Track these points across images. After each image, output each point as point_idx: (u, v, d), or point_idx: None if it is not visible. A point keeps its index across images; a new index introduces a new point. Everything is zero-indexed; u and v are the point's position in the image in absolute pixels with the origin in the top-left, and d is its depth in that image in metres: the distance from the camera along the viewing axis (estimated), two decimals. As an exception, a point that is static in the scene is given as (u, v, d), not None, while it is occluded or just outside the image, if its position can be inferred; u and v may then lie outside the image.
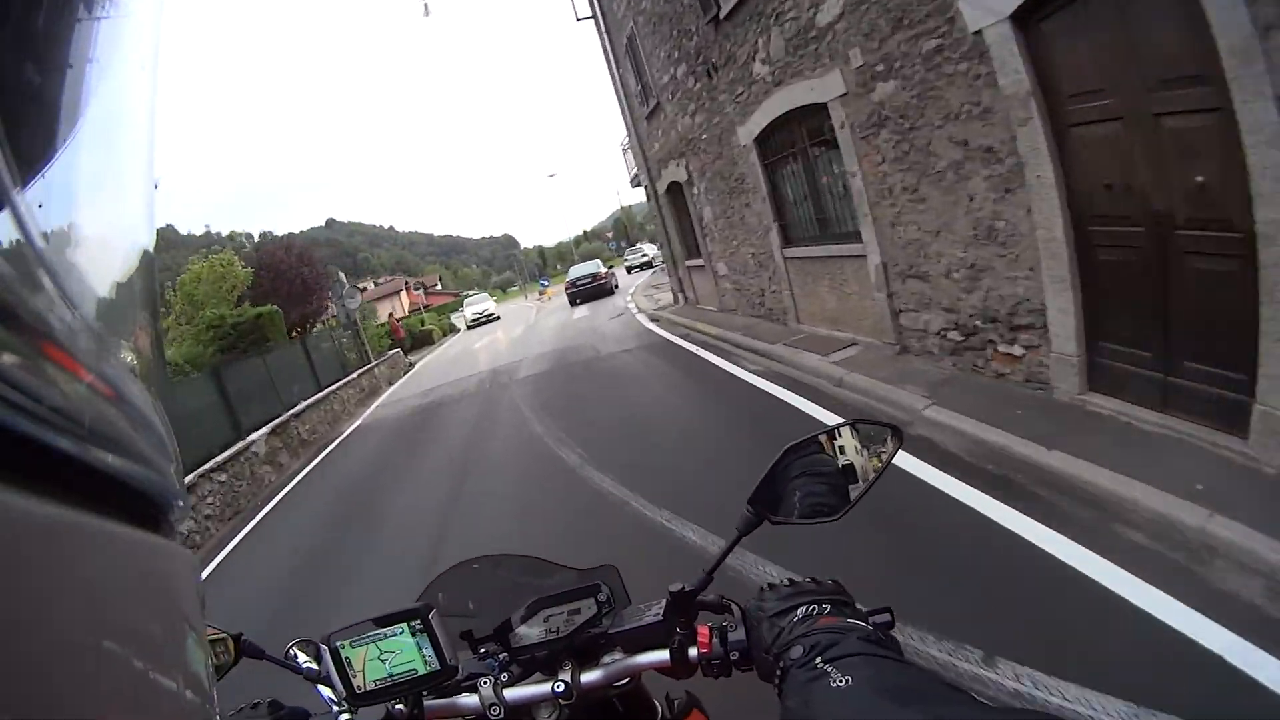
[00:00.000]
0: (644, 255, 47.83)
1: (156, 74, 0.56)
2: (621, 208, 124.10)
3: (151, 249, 0.60)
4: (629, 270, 47.66)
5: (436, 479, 8.77)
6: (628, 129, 19.10)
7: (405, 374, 25.87)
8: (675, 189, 16.28)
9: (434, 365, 26.28)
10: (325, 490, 10.91)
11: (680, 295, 18.88)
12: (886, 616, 1.01)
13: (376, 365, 24.49)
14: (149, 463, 0.49)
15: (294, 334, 27.83)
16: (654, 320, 18.23)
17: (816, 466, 1.15)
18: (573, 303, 33.26)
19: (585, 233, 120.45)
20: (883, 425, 1.18)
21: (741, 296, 13.43)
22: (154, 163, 0.59)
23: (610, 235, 76.41)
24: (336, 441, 15.40)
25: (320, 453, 14.64)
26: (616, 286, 35.04)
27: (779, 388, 8.11)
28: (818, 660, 0.85)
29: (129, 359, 0.52)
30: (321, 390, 18.91)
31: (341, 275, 28.06)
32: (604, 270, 35.32)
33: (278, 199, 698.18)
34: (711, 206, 13.71)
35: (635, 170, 20.90)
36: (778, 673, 0.92)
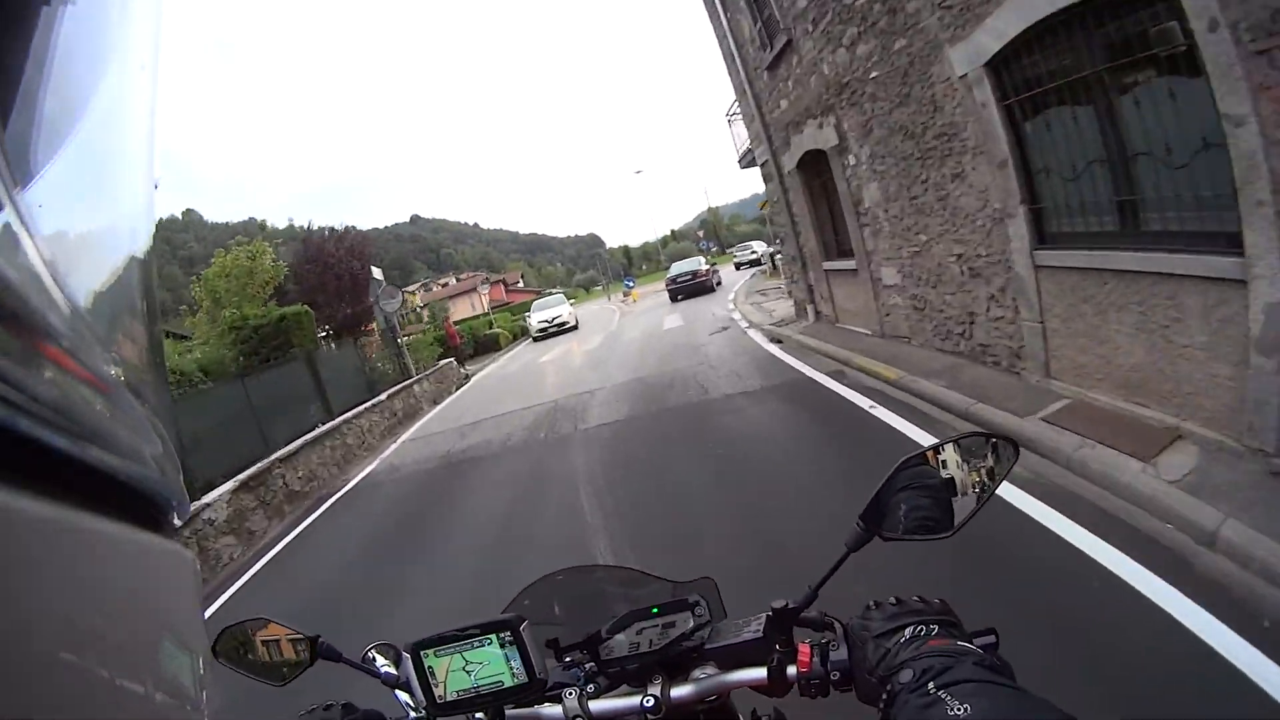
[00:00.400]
0: (753, 253, 45.50)
1: (156, 74, 0.55)
2: (709, 209, 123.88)
3: (151, 248, 0.59)
4: (738, 267, 45.62)
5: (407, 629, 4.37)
6: (739, 90, 14.01)
7: (456, 390, 21.57)
8: (812, 161, 11.34)
9: (489, 382, 21.89)
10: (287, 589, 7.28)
11: (810, 308, 13.88)
12: (991, 638, 0.96)
13: (420, 379, 20.22)
14: (149, 463, 0.50)
15: (336, 337, 26.69)
16: (775, 341, 13.50)
17: (923, 479, 1.09)
18: (673, 299, 32.56)
19: (673, 232, 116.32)
20: (1000, 439, 1.10)
21: (924, 319, 8.76)
22: (154, 163, 0.58)
23: (700, 234, 72.14)
24: (339, 494, 11.19)
25: (312, 511, 10.51)
26: (719, 284, 33.95)
27: (1093, 538, 3.92)
28: (930, 685, 0.81)
29: (129, 359, 0.52)
30: (332, 418, 14.46)
31: (377, 272, 23.00)
32: (705, 267, 33.83)
33: (363, 194, 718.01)
34: (879, 182, 8.99)
35: (747, 144, 15.86)
36: (884, 696, 0.90)
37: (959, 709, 0.75)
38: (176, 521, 0.57)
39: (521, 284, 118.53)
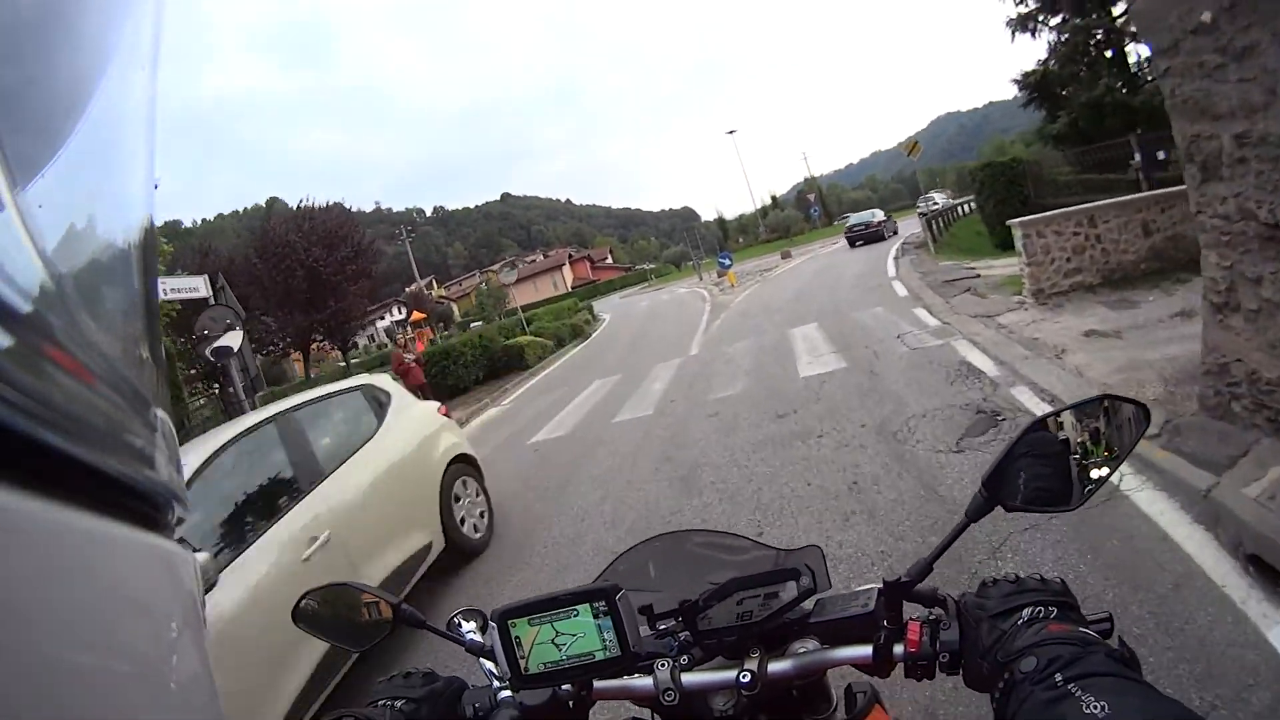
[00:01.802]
0: (935, 203, 41.01)
1: (156, 74, 0.56)
2: (806, 179, 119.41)
3: (152, 248, 0.60)
4: (852, 243, 41.85)
5: None
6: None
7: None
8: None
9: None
10: None
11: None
12: (1107, 624, 0.90)
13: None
14: (149, 463, 0.51)
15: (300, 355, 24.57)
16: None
17: (1044, 447, 1.02)
18: (851, 245, 36.30)
19: (774, 199, 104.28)
20: (1130, 403, 1.03)
21: None
22: (154, 162, 0.59)
23: (812, 199, 60.95)
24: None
25: None
26: (895, 232, 36.73)
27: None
28: (1058, 677, 0.76)
29: (129, 359, 0.52)
30: None
31: (194, 285, 13.19)
32: (879, 219, 37.97)
33: (455, 177, 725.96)
34: None
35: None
36: (1000, 684, 0.85)
37: (1095, 707, 0.70)
38: (176, 522, 0.57)
39: (610, 260, 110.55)
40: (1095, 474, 1.01)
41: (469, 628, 1.36)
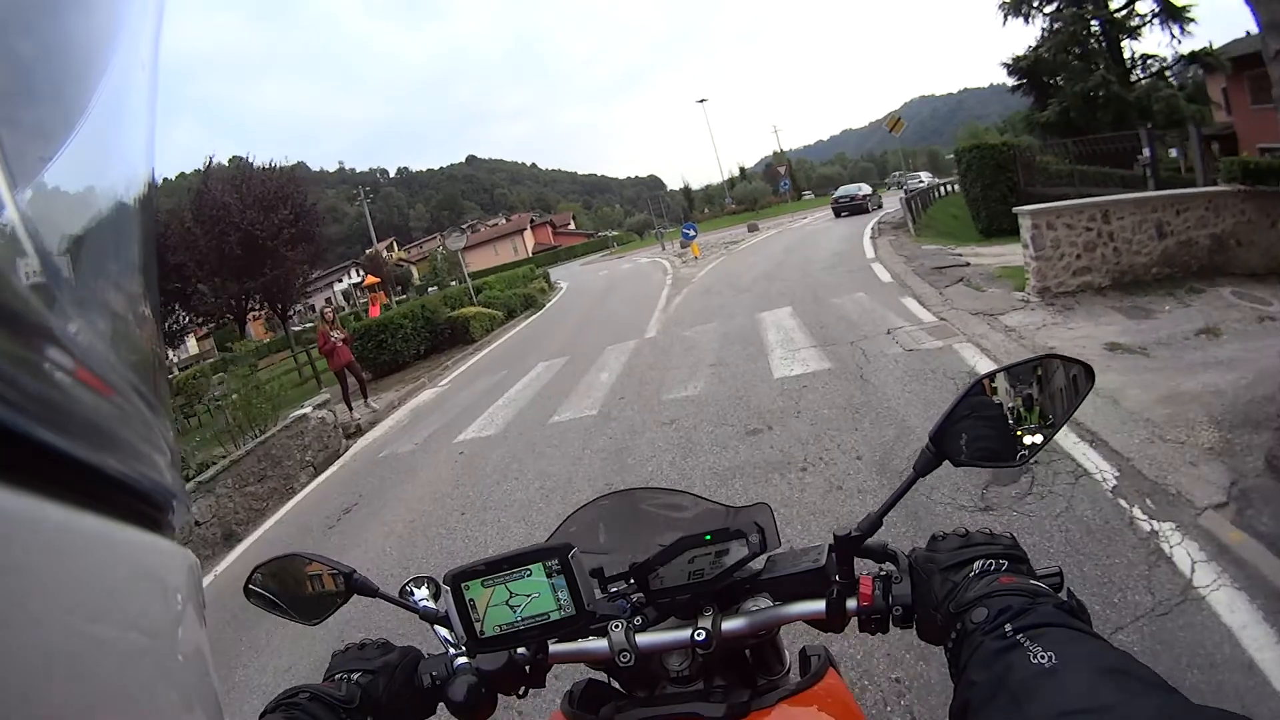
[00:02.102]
0: (921, 182, 43.13)
1: (156, 74, 0.56)
2: (775, 152, 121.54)
3: (152, 247, 0.60)
4: (837, 213, 42.49)
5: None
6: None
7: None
8: None
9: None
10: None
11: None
12: (1056, 578, 0.91)
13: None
14: (149, 463, 0.50)
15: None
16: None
17: (987, 406, 1.04)
18: (837, 215, 37.27)
19: (742, 170, 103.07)
20: (1075, 363, 1.04)
21: None
22: (154, 162, 0.60)
23: (782, 171, 59.57)
24: None
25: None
26: (879, 206, 37.07)
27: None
28: (1007, 627, 0.77)
29: (129, 359, 0.53)
30: None
31: None
32: (864, 192, 39.83)
33: (419, 138, 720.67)
34: None
35: None
36: (952, 635, 0.86)
37: (1041, 656, 0.71)
38: (176, 522, 0.57)
39: (573, 225, 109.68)
40: (1030, 440, 1.02)
41: (421, 595, 1.32)
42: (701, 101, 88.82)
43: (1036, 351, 5.60)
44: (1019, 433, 1.03)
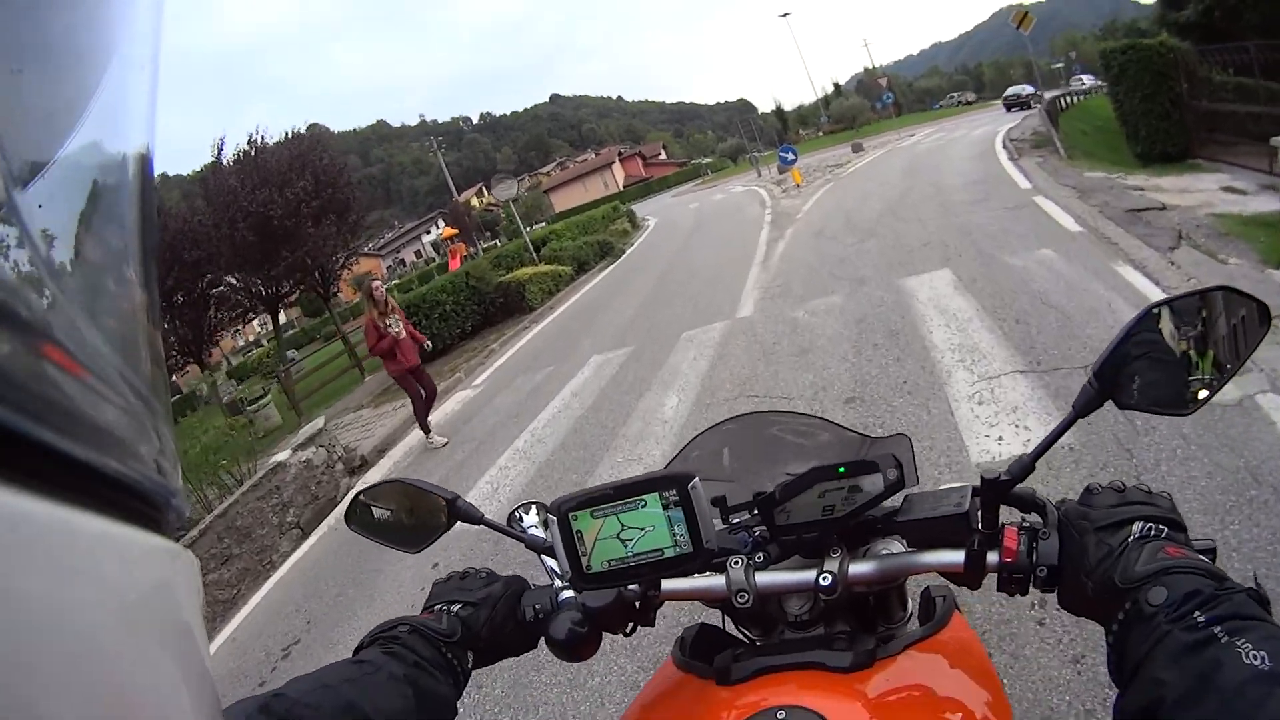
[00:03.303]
0: (1084, 85, 42.81)
1: (157, 73, 0.54)
2: (866, 67, 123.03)
3: (153, 247, 0.58)
4: (1008, 108, 43.71)
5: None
6: None
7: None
8: None
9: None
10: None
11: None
12: (1212, 552, 0.84)
13: None
14: (149, 463, 0.48)
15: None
16: None
17: (1157, 342, 0.92)
18: (1008, 109, 41.42)
19: (837, 87, 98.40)
20: (1248, 299, 0.91)
21: None
22: (154, 161, 0.57)
23: (885, 83, 54.89)
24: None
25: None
26: (1040, 103, 28.05)
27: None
28: (1198, 616, 0.69)
29: (129, 358, 0.50)
30: None
31: None
32: (1027, 92, 42.22)
33: (500, 80, 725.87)
34: None
35: None
36: (1121, 614, 0.77)
37: (1254, 657, 0.63)
38: (176, 522, 0.54)
39: (664, 155, 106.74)
40: (1212, 373, 0.91)
41: (530, 521, 1.29)
42: (785, 15, 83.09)
43: None
44: (1189, 375, 0.91)
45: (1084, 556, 0.85)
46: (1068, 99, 31.50)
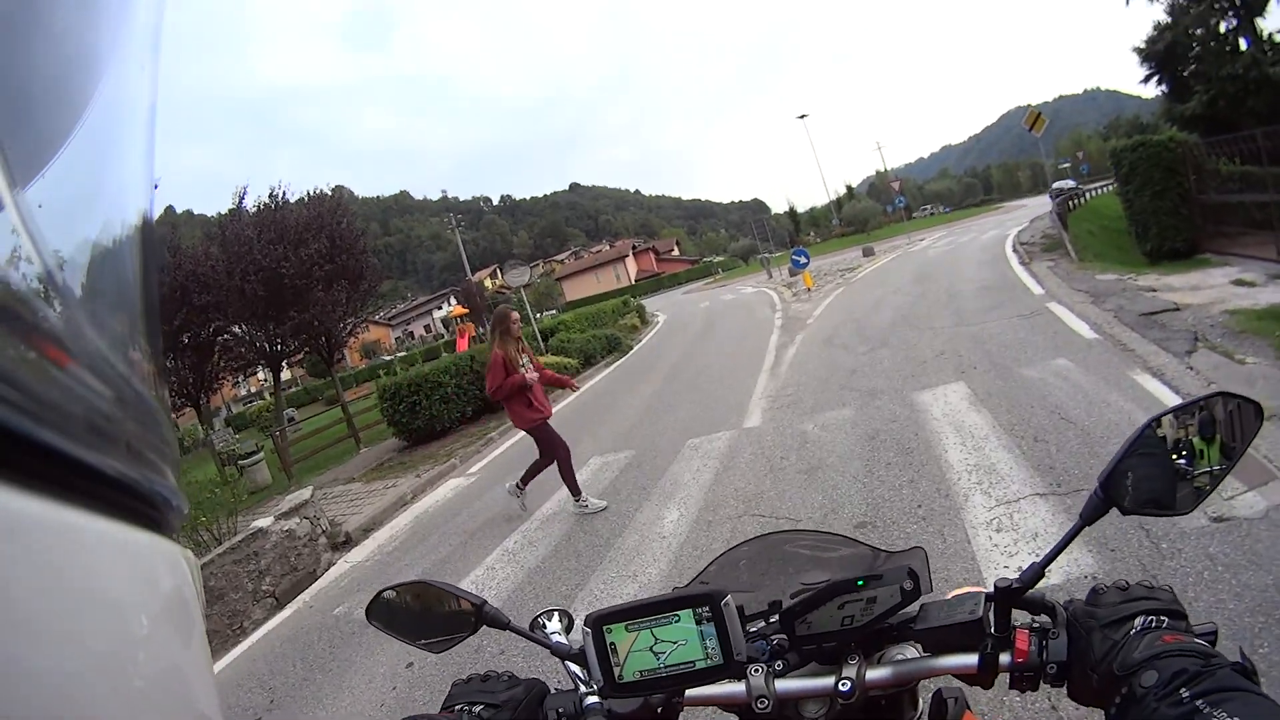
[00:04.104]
0: (1070, 184, 44.84)
1: (157, 75, 0.56)
2: (878, 171, 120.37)
3: (153, 248, 0.60)
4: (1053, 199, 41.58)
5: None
6: None
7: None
8: None
9: None
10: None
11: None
12: (1212, 634, 0.89)
13: None
14: (149, 463, 0.50)
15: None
16: None
17: (1155, 447, 0.98)
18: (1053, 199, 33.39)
19: (849, 189, 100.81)
20: (1242, 400, 0.99)
21: None
22: (154, 162, 0.59)
23: (897, 186, 55.67)
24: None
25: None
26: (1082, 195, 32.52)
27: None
28: (1184, 693, 0.75)
29: (129, 359, 0.52)
30: None
31: None
32: (1069, 185, 42.48)
33: (522, 164, 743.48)
34: None
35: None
36: (1118, 699, 0.84)
37: None
38: (176, 522, 0.56)
39: (677, 251, 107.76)
40: (1207, 475, 0.97)
41: (554, 628, 1.31)
42: (802, 117, 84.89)
43: None
44: (1186, 477, 0.97)
45: (1090, 652, 0.90)
46: (1075, 200, 31.77)
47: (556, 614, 1.33)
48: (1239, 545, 3.88)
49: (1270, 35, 23.50)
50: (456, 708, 1.13)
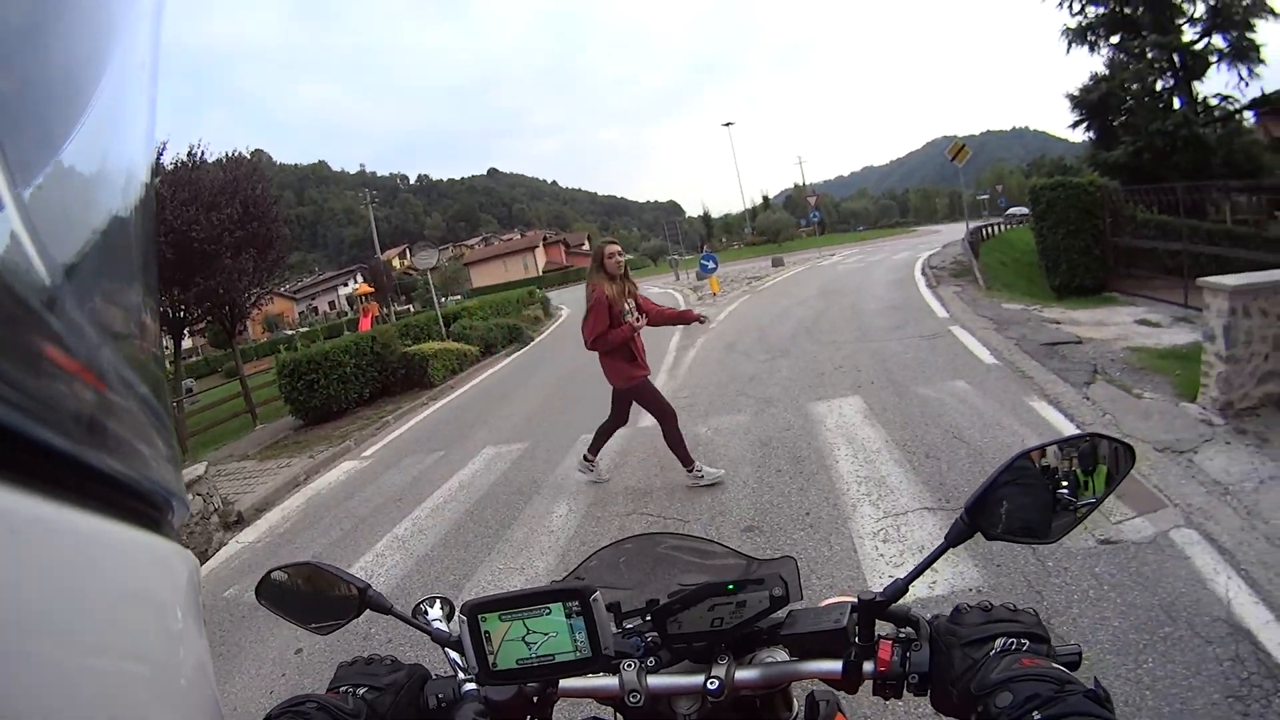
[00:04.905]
0: (1023, 210, 43.89)
1: (156, 74, 0.56)
2: (796, 184, 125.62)
3: (152, 247, 0.60)
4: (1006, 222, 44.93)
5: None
6: None
7: None
8: None
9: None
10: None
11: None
12: (1075, 658, 0.96)
13: None
14: (149, 463, 0.51)
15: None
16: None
17: (1028, 478, 1.04)
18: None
19: (766, 200, 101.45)
20: (1118, 444, 1.06)
21: None
22: (153, 162, 0.60)
23: (814, 202, 56.45)
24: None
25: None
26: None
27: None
28: (1035, 716, 0.78)
29: (129, 359, 0.52)
30: None
31: None
32: (1023, 211, 38.49)
33: (443, 145, 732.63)
34: None
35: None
36: (973, 717, 0.88)
37: None
38: (176, 521, 0.57)
39: (587, 245, 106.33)
40: (1073, 510, 1.04)
41: (435, 615, 1.35)
42: (728, 125, 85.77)
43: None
44: (1056, 509, 1.03)
45: (950, 667, 0.95)
46: (989, 229, 32.85)
47: (438, 601, 1.37)
48: (1125, 567, 4.07)
49: (1205, 99, 24.51)
50: (341, 689, 1.15)
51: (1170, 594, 3.77)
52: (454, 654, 1.25)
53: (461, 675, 1.20)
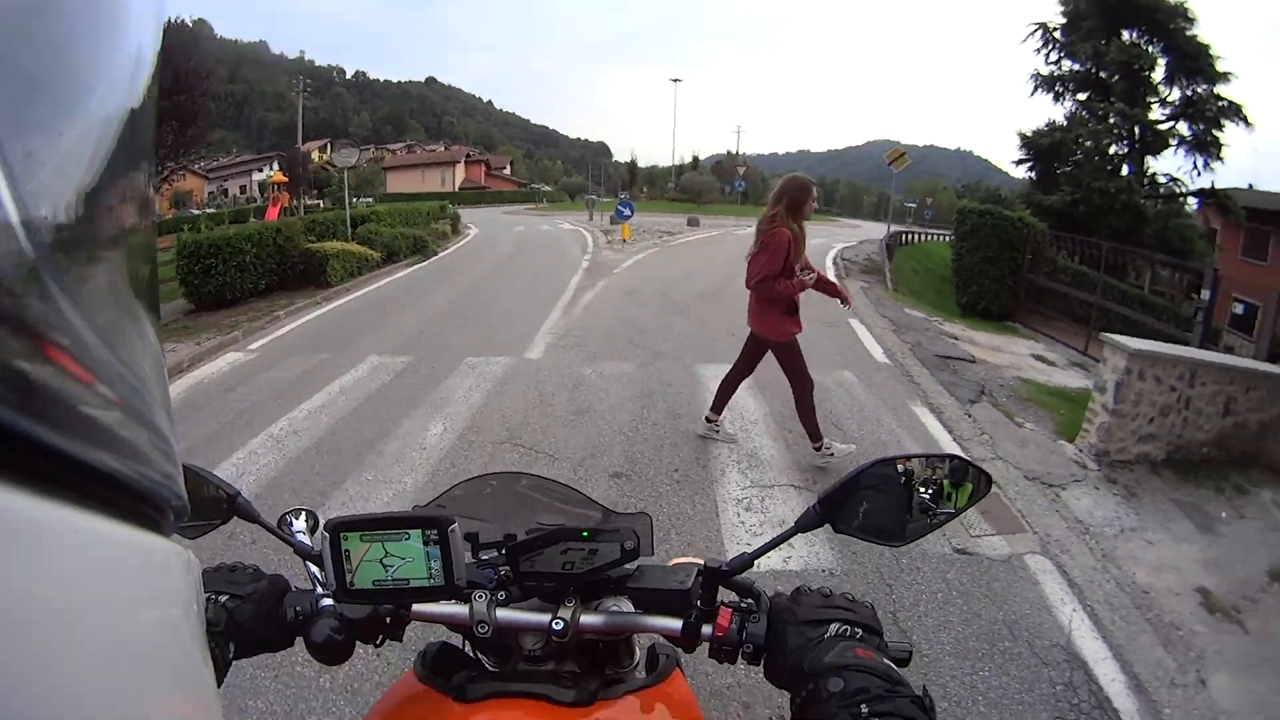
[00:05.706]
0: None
1: (157, 74, 0.56)
2: (728, 152, 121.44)
3: (153, 247, 0.61)
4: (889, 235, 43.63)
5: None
6: None
7: None
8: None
9: None
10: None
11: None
12: (906, 655, 1.01)
13: None
14: (149, 463, 0.51)
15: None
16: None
17: (889, 484, 1.13)
18: None
19: (695, 160, 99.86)
20: (977, 469, 1.16)
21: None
22: (154, 162, 0.59)
23: (741, 171, 56.22)
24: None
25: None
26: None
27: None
28: (863, 708, 0.82)
29: (129, 358, 0.52)
30: None
31: None
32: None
33: (386, 44, 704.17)
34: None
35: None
36: (804, 692, 0.92)
37: None
38: (176, 522, 0.58)
39: (508, 171, 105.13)
40: (927, 519, 1.11)
41: (299, 527, 1.35)
42: (676, 80, 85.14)
43: (1128, 589, 4.46)
44: (912, 513, 1.10)
45: (785, 643, 1.00)
46: (910, 236, 32.84)
47: (304, 514, 1.38)
48: (977, 579, 4.29)
49: (1154, 174, 25.17)
50: (206, 596, 1.15)
51: (1015, 613, 4.00)
52: (314, 568, 1.26)
53: (320, 590, 1.22)
